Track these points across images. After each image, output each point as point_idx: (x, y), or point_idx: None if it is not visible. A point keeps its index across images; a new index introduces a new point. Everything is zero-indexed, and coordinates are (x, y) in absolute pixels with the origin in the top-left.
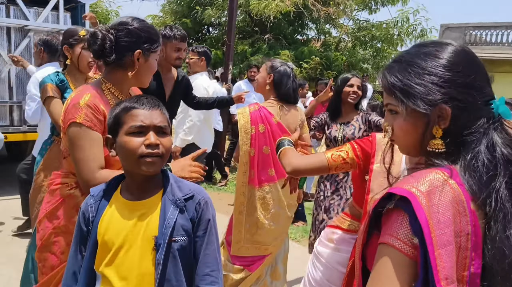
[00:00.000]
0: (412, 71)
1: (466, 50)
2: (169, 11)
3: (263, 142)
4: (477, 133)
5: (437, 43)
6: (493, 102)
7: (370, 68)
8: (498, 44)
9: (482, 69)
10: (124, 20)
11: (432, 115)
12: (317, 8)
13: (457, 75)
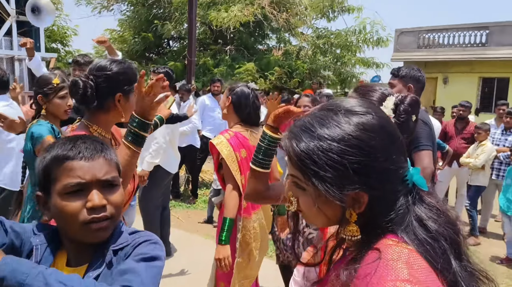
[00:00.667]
0: (324, 150)
1: (382, 123)
2: (127, 25)
3: (247, 168)
4: (401, 214)
5: (349, 113)
6: (407, 175)
7: (332, 74)
8: (450, 46)
9: (398, 144)
10: (102, 64)
11: (345, 202)
12: (276, 17)
13: (375, 160)
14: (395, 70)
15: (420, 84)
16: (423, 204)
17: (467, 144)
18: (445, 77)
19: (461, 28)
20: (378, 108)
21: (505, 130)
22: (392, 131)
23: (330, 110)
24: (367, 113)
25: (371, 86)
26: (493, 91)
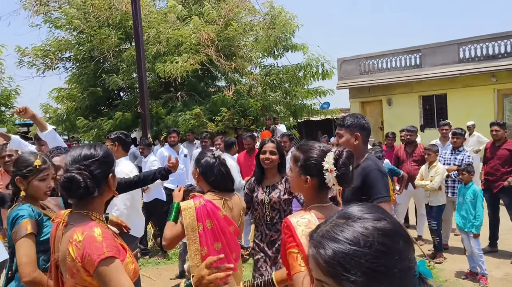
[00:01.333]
0: (353, 255)
1: (398, 227)
2: (75, 82)
3: (213, 238)
4: None
5: (366, 220)
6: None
7: (283, 107)
8: (390, 70)
9: (409, 241)
10: (87, 153)
11: None
12: (222, 64)
13: (399, 261)
14: (340, 120)
15: (365, 131)
16: None
17: (418, 166)
18: (389, 99)
19: (396, 53)
20: (387, 214)
21: (453, 150)
22: (404, 233)
23: (347, 217)
24: (381, 220)
25: (311, 144)
26: (434, 107)
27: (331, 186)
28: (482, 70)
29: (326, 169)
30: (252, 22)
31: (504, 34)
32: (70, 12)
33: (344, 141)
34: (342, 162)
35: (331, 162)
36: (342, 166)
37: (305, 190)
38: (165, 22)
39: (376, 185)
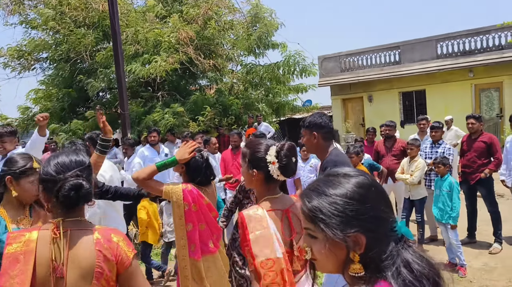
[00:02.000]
0: (330, 203)
1: (371, 182)
2: (51, 83)
3: (198, 220)
4: (392, 256)
5: (344, 176)
6: (396, 227)
7: (265, 106)
8: (370, 67)
9: (386, 198)
10: (79, 159)
11: (349, 243)
12: (201, 62)
13: (369, 208)
14: (302, 121)
15: (324, 129)
16: (409, 250)
17: (398, 160)
18: (370, 96)
19: (376, 50)
20: (363, 172)
21: (433, 143)
22: (380, 189)
23: (332, 175)
24: (359, 175)
25: (258, 140)
26: (413, 103)
27: (276, 177)
28: (460, 66)
29: (269, 161)
30: (232, 20)
31: (480, 30)
32: (45, 13)
33: (306, 140)
34: (284, 153)
35: (273, 154)
36: (283, 157)
37: (254, 184)
38: (143, 21)
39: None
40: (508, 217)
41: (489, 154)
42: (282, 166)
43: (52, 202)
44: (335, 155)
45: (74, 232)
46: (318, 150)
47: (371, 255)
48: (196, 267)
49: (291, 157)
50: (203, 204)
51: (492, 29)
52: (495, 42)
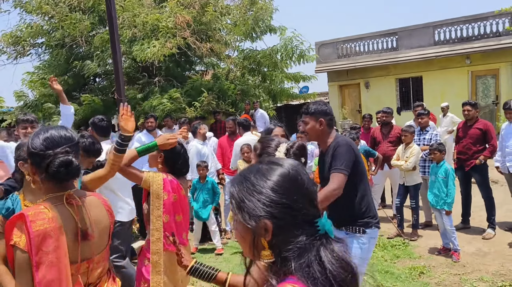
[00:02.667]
0: (246, 187)
1: (292, 174)
2: (47, 68)
3: (175, 211)
4: (300, 249)
5: (271, 163)
6: (318, 221)
7: (262, 92)
8: (367, 53)
9: (304, 192)
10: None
11: (256, 229)
12: (199, 46)
13: (280, 197)
14: (305, 108)
15: (328, 116)
16: (328, 249)
17: (394, 147)
18: (367, 82)
19: (373, 36)
20: (296, 164)
21: (421, 130)
22: (302, 182)
23: (262, 162)
24: (282, 166)
25: (270, 137)
26: (410, 90)
27: None
28: (457, 53)
29: (277, 157)
30: (229, 5)
31: (478, 17)
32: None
33: (310, 127)
34: (293, 152)
35: (282, 151)
36: (292, 156)
37: None
38: (140, 6)
39: (338, 157)
40: (501, 203)
41: (484, 140)
42: None
43: (41, 176)
44: (344, 138)
45: (85, 199)
46: (322, 136)
47: (275, 243)
48: (171, 260)
49: (300, 156)
50: (182, 195)
51: (490, 15)
52: (493, 29)
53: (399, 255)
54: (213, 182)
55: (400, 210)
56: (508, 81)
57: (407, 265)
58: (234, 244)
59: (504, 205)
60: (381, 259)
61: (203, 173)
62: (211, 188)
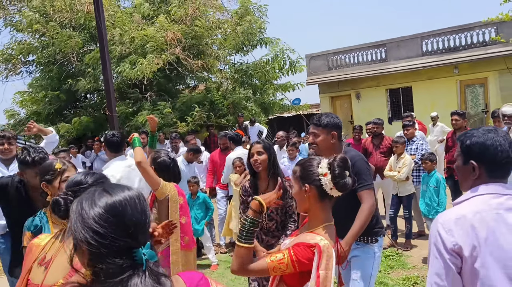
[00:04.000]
0: (79, 208)
1: (117, 207)
2: (38, 86)
3: (184, 213)
4: (111, 273)
5: (104, 191)
6: (136, 252)
7: (253, 105)
8: (357, 64)
9: (127, 225)
10: (78, 179)
11: (77, 248)
12: (189, 63)
13: (99, 227)
14: (316, 120)
15: (339, 129)
16: (141, 279)
17: (386, 157)
18: (357, 93)
19: (362, 48)
20: (130, 196)
21: (408, 141)
22: (123, 214)
23: (99, 186)
24: (112, 196)
25: (311, 158)
26: (400, 100)
27: (329, 192)
28: (445, 63)
29: (320, 173)
30: (219, 20)
31: (464, 27)
32: (29, 15)
33: (322, 140)
34: (337, 164)
35: (325, 166)
36: (337, 168)
37: (307, 203)
38: (130, 22)
39: (362, 172)
40: None
41: None
42: (335, 177)
43: None
44: (356, 151)
45: None
46: (333, 149)
47: (92, 265)
48: (188, 258)
49: (344, 169)
50: (185, 200)
51: (476, 25)
52: (479, 38)
53: (393, 265)
54: (205, 197)
55: (394, 220)
56: (496, 89)
57: (401, 275)
58: (228, 259)
59: None
60: None
61: (194, 189)
62: (203, 203)
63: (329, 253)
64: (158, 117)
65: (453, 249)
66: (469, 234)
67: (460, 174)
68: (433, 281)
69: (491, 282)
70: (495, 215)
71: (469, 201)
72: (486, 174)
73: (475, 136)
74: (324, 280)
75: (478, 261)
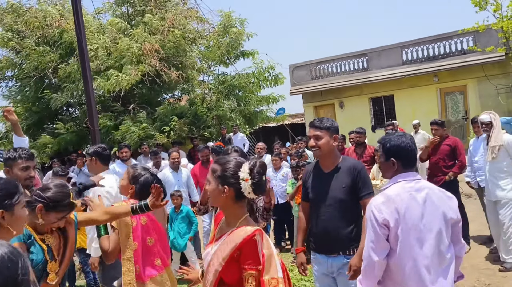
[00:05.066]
0: None
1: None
2: (17, 100)
3: (147, 233)
4: None
5: None
6: None
7: (238, 116)
8: (340, 74)
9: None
10: None
11: None
12: (167, 74)
13: None
14: (318, 122)
15: (338, 133)
16: None
17: (369, 166)
18: (341, 102)
19: (345, 57)
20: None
21: None
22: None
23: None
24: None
25: (228, 156)
26: (383, 108)
27: (247, 195)
28: (425, 71)
29: (242, 178)
30: (200, 31)
31: (443, 36)
32: (1, 34)
33: (325, 142)
34: (257, 170)
35: (246, 171)
36: (256, 175)
37: (222, 201)
38: (105, 37)
39: (366, 181)
40: (475, 216)
41: (454, 156)
42: (255, 183)
43: None
44: (354, 159)
45: None
46: (333, 153)
47: None
48: (163, 281)
49: (263, 175)
50: (152, 217)
51: (454, 35)
52: (458, 47)
53: None
54: (189, 210)
55: None
56: (475, 97)
57: None
58: None
59: (477, 218)
60: None
61: (177, 202)
62: (186, 216)
63: (264, 235)
64: (139, 129)
65: (383, 222)
66: (393, 211)
67: (383, 167)
68: (369, 246)
69: (407, 241)
70: (408, 195)
71: (391, 187)
72: (401, 167)
73: (392, 140)
74: (269, 257)
75: (399, 229)
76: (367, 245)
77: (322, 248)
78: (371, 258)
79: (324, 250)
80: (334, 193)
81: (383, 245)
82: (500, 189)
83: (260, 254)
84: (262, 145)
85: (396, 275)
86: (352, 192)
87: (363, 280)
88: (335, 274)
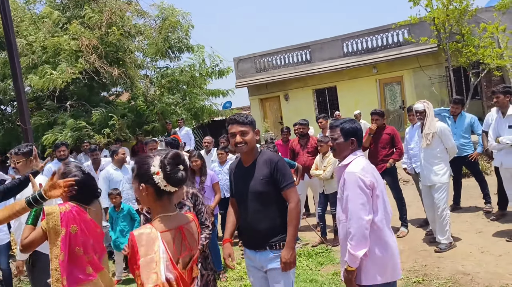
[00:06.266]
0: None
1: None
2: None
3: (75, 244)
4: None
5: None
6: None
7: (183, 110)
8: (284, 66)
9: None
10: None
11: None
12: (106, 71)
13: None
14: (242, 118)
15: None
16: None
17: (312, 157)
18: (286, 94)
19: (288, 50)
20: None
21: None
22: None
23: None
24: None
25: (146, 154)
26: (326, 99)
27: (164, 188)
28: (364, 63)
29: (153, 172)
30: (142, 25)
31: (381, 29)
32: None
33: (251, 137)
34: (167, 162)
35: (157, 164)
36: (167, 165)
37: (147, 200)
38: (38, 30)
39: (285, 172)
40: (412, 201)
41: (392, 144)
42: (168, 174)
43: None
44: (269, 153)
45: None
46: (255, 147)
47: None
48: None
49: (177, 165)
50: (87, 219)
51: (391, 27)
52: (394, 39)
53: (323, 262)
54: (130, 208)
55: (322, 217)
56: (411, 86)
57: (331, 271)
58: None
59: (414, 203)
60: (306, 268)
61: (116, 201)
62: (128, 214)
63: (148, 238)
64: (70, 132)
65: (370, 184)
66: (373, 175)
67: (341, 147)
68: (358, 208)
69: (383, 200)
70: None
71: (356, 159)
72: (357, 144)
73: (349, 122)
74: (147, 265)
75: (378, 189)
76: (356, 208)
77: (249, 243)
78: (362, 218)
79: (251, 244)
80: (254, 186)
81: (370, 204)
82: (434, 174)
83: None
84: (209, 138)
85: (380, 232)
86: (272, 183)
87: (355, 246)
88: (264, 268)
